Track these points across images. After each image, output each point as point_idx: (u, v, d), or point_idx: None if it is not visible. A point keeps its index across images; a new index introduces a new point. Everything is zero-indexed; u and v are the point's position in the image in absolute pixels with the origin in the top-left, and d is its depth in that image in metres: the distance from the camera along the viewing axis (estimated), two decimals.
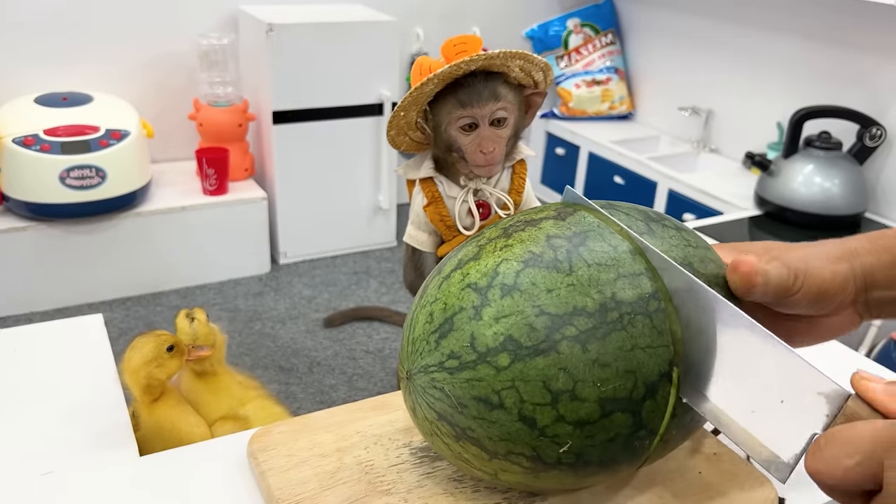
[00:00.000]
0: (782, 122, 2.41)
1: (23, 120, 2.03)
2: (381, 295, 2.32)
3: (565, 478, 0.54)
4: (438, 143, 0.92)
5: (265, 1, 2.53)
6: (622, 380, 0.50)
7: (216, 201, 2.29)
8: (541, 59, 0.88)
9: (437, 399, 0.53)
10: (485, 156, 0.89)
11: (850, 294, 0.61)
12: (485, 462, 0.55)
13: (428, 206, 0.95)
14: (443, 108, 0.89)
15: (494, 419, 0.51)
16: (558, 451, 0.51)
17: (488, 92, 0.87)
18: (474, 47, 0.86)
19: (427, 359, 0.53)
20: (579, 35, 3.10)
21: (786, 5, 2.43)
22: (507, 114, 0.89)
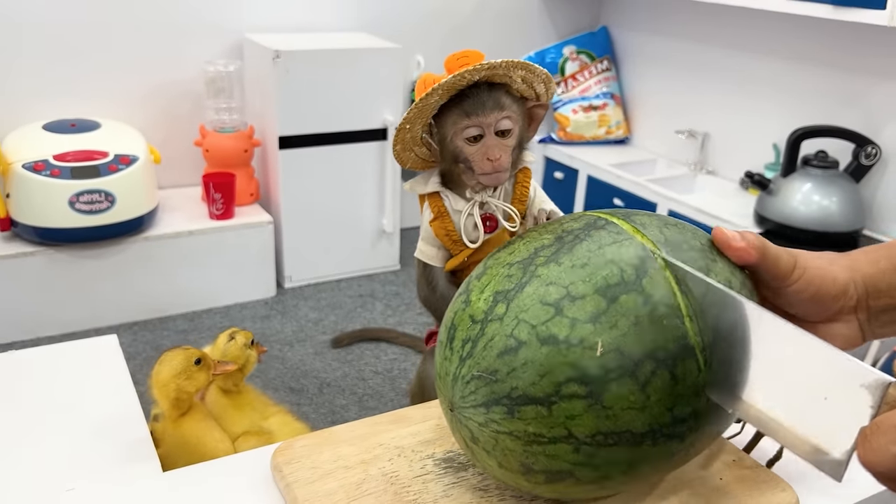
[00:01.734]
0: (778, 143, 2.45)
1: (32, 146, 2.05)
2: (386, 317, 2.33)
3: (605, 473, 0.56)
4: (444, 155, 0.93)
5: (270, 30, 2.57)
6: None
7: (222, 226, 2.31)
8: (542, 70, 0.89)
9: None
10: (492, 163, 0.89)
11: (851, 299, 0.63)
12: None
13: (434, 221, 0.96)
14: (448, 119, 0.90)
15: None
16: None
17: (492, 101, 0.88)
18: (476, 60, 0.87)
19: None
20: (575, 62, 3.15)
21: (778, 28, 2.47)
22: (511, 124, 0.90)
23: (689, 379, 0.53)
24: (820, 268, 0.62)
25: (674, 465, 0.58)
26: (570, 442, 0.52)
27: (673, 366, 0.52)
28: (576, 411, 0.51)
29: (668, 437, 0.54)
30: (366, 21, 2.73)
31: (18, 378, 0.91)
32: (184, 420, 0.84)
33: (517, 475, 0.56)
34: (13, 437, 0.78)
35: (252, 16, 2.55)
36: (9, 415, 0.82)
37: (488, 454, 0.56)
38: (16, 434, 0.79)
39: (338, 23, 2.70)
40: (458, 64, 0.87)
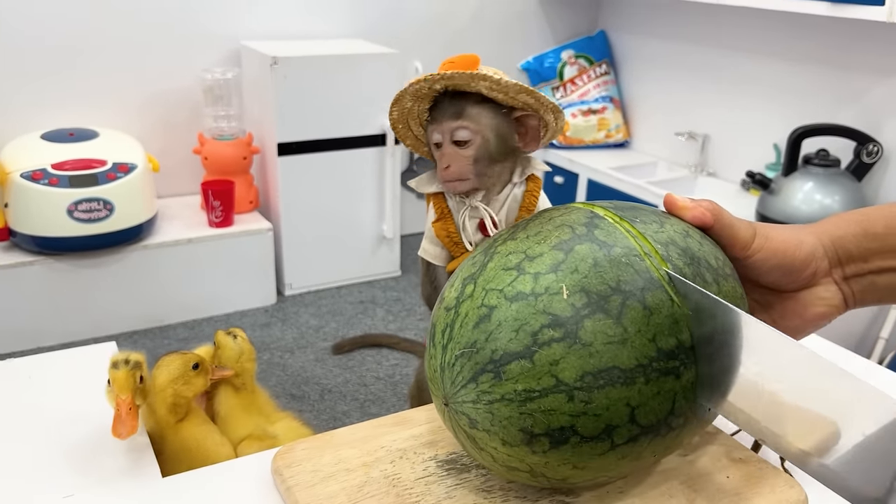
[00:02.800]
0: (779, 143, 2.44)
1: (30, 155, 2.05)
2: (387, 323, 2.33)
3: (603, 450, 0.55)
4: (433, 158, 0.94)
5: (267, 37, 2.57)
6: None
7: (222, 233, 2.30)
8: (515, 83, 0.84)
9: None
10: (444, 171, 0.87)
11: (822, 262, 0.62)
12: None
13: (436, 221, 0.94)
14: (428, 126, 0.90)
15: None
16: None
17: (452, 109, 0.86)
18: (465, 65, 0.85)
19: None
20: (574, 66, 3.15)
21: (776, 27, 2.47)
22: (469, 134, 0.86)
23: (664, 310, 0.54)
24: (783, 235, 0.62)
25: (679, 413, 0.56)
26: (560, 390, 0.52)
27: (642, 297, 0.53)
28: (557, 355, 0.51)
29: (661, 374, 0.53)
30: (363, 28, 2.73)
31: (16, 386, 0.90)
32: (182, 425, 0.83)
33: (522, 449, 0.54)
34: (10, 445, 0.77)
35: (249, 24, 2.55)
36: (6, 423, 0.82)
37: (489, 434, 0.55)
38: (13, 442, 0.78)
39: (335, 30, 2.70)
40: (444, 67, 0.85)
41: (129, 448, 0.78)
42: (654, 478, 0.69)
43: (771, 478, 0.69)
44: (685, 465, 0.71)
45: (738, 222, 0.61)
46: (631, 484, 0.69)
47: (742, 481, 0.69)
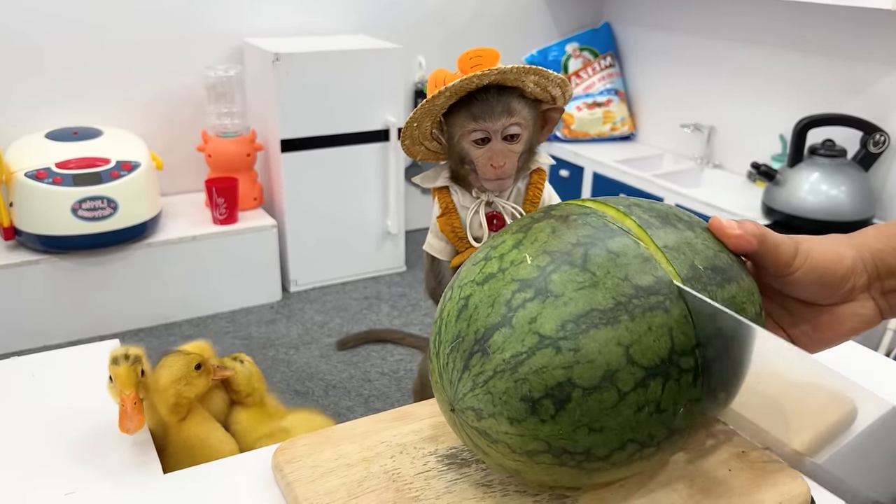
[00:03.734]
0: (785, 134, 2.43)
1: (35, 154, 2.06)
2: (392, 318, 2.32)
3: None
4: (451, 154, 0.92)
5: (270, 34, 2.57)
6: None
7: (226, 230, 2.30)
8: (557, 76, 0.87)
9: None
10: (495, 170, 0.88)
11: (861, 278, 0.61)
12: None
13: (441, 216, 0.94)
14: (456, 120, 0.88)
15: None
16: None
17: (501, 107, 0.86)
18: (490, 60, 0.85)
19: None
20: (578, 59, 3.13)
21: (780, 17, 2.45)
22: (520, 129, 0.88)
23: (630, 251, 0.54)
24: (824, 249, 0.60)
25: (684, 351, 0.53)
26: (545, 345, 0.51)
27: (605, 244, 0.54)
28: (534, 312, 0.52)
29: (645, 309, 0.52)
30: (366, 23, 2.73)
31: (19, 384, 0.91)
32: (184, 424, 0.83)
33: (530, 421, 0.52)
34: (13, 442, 0.77)
35: (251, 20, 2.55)
36: (9, 421, 0.82)
37: (496, 419, 0.53)
38: (16, 439, 0.78)
39: (338, 26, 2.70)
40: (471, 64, 0.84)
41: (130, 444, 0.78)
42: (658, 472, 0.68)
43: (774, 472, 0.68)
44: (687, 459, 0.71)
45: (781, 241, 0.59)
46: (632, 478, 0.68)
47: (744, 475, 0.68)
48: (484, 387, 0.53)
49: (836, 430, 0.49)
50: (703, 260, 0.58)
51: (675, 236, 0.58)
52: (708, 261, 0.58)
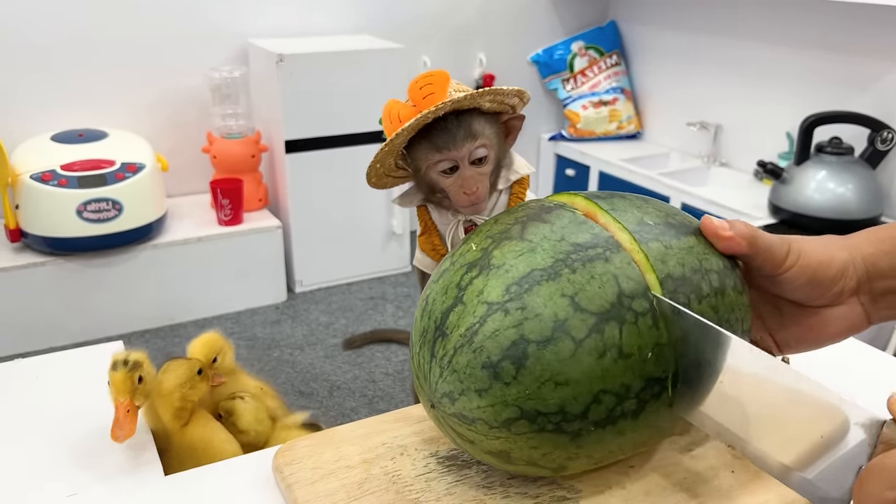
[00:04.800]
0: (791, 132, 2.41)
1: (40, 157, 2.07)
2: (397, 319, 2.32)
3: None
4: (420, 185, 0.88)
5: (274, 34, 2.57)
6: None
7: (231, 231, 2.31)
8: (511, 89, 0.84)
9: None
10: (468, 196, 0.84)
11: (851, 281, 0.61)
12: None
13: (421, 235, 0.92)
14: (418, 153, 0.84)
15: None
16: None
17: (463, 132, 0.82)
18: (441, 84, 0.81)
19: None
20: (584, 58, 3.13)
21: (787, 14, 2.44)
22: (486, 150, 0.84)
23: (565, 217, 0.58)
24: (816, 251, 0.61)
25: (635, 294, 0.54)
26: (494, 310, 0.53)
27: (539, 216, 0.58)
28: (480, 286, 0.55)
29: (585, 260, 0.55)
30: (369, 23, 2.73)
31: (23, 386, 0.91)
32: (188, 428, 0.83)
33: (496, 388, 0.52)
34: (16, 444, 0.78)
35: (256, 21, 2.55)
36: (12, 423, 0.82)
37: (466, 396, 0.54)
38: (18, 441, 0.79)
39: (341, 26, 2.70)
40: (422, 94, 0.81)
41: (132, 446, 0.78)
42: (658, 472, 0.68)
43: None
44: (689, 460, 0.70)
45: (773, 242, 0.60)
46: (633, 478, 0.68)
47: (747, 475, 0.68)
48: (449, 367, 0.55)
49: (826, 444, 0.49)
50: (655, 217, 0.60)
51: (647, 229, 0.59)
52: (661, 218, 0.60)
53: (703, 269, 0.59)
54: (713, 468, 0.69)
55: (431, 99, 0.81)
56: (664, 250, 0.58)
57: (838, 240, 0.63)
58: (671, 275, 0.57)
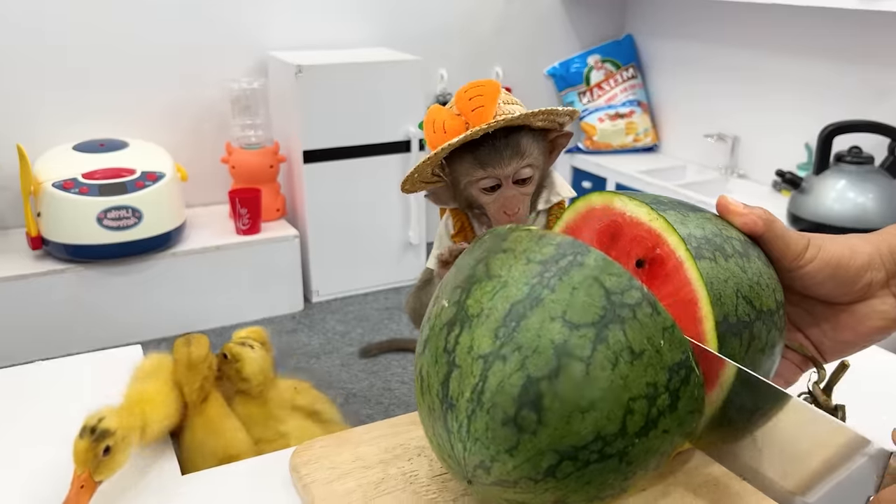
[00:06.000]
0: (810, 143, 2.40)
1: (62, 165, 2.09)
2: (413, 329, 2.32)
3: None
4: (458, 198, 0.86)
5: (292, 47, 2.60)
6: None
7: (249, 241, 2.32)
8: (565, 110, 0.81)
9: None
10: (509, 217, 0.82)
11: (879, 273, 0.60)
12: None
13: (456, 234, 0.89)
14: (460, 166, 0.81)
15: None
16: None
17: (510, 150, 0.79)
18: (491, 95, 0.78)
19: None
20: (600, 71, 3.13)
21: (805, 24, 2.43)
22: (532, 171, 0.81)
23: (523, 239, 0.54)
24: (837, 244, 0.59)
25: (620, 289, 0.51)
26: (491, 362, 0.49)
27: (500, 247, 0.54)
28: (466, 341, 0.51)
29: (560, 275, 0.51)
30: (387, 37, 2.75)
31: (44, 387, 0.92)
32: (205, 406, 0.84)
33: (523, 439, 0.49)
34: (34, 442, 0.78)
35: (275, 34, 2.57)
36: (30, 423, 0.83)
37: (498, 460, 0.50)
38: (36, 439, 0.79)
39: (359, 39, 2.72)
40: (472, 105, 0.78)
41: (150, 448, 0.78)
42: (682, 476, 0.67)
43: None
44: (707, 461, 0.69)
45: (791, 233, 0.59)
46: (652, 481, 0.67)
47: None
48: (469, 437, 0.50)
49: (828, 469, 0.48)
50: (668, 200, 0.59)
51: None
52: (674, 202, 0.60)
53: (723, 235, 0.58)
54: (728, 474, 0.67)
55: (480, 113, 0.78)
56: (682, 217, 0.58)
57: (863, 235, 0.61)
58: (693, 234, 0.57)
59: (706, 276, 0.55)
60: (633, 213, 0.59)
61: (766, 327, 0.57)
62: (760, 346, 0.57)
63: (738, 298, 0.56)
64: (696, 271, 0.55)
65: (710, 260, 0.56)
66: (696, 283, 0.55)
